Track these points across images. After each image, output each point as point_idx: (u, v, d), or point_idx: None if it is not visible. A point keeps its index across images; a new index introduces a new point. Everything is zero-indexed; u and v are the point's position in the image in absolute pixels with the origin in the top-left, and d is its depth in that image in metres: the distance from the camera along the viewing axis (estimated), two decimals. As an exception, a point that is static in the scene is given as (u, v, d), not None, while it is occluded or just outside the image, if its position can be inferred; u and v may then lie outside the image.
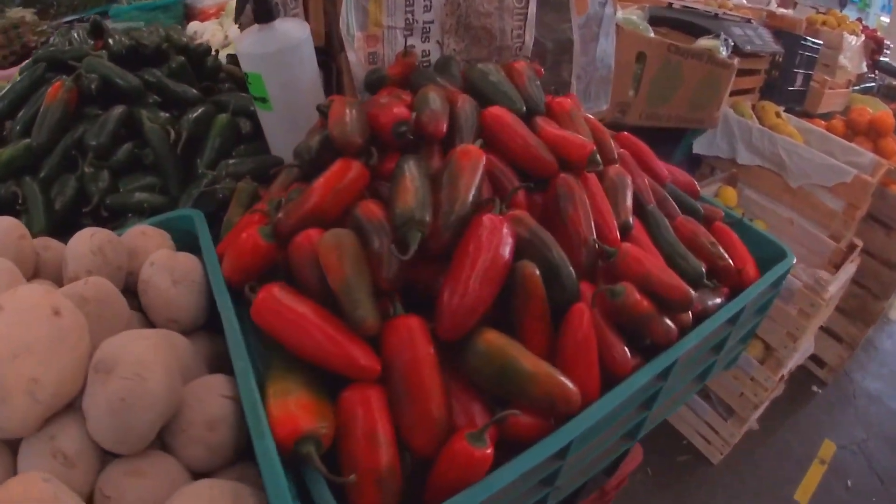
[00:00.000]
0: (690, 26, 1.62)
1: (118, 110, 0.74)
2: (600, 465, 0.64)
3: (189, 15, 2.12)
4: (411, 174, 0.49)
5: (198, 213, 0.67)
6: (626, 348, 0.52)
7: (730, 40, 1.46)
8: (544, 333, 0.49)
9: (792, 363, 1.44)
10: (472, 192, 0.50)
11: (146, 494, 0.41)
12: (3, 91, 0.80)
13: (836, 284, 1.28)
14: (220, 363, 0.55)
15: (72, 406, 0.45)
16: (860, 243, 1.43)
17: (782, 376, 1.42)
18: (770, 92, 1.91)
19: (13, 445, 0.44)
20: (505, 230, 0.48)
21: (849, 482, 1.72)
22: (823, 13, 2.58)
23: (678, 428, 1.80)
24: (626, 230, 0.64)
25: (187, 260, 0.59)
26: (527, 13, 0.91)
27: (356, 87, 0.79)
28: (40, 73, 0.80)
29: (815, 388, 2.05)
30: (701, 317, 0.62)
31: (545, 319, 0.49)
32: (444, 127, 0.57)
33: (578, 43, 1.02)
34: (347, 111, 0.57)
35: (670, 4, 1.78)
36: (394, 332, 0.44)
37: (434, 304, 0.47)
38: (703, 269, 0.68)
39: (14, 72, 1.81)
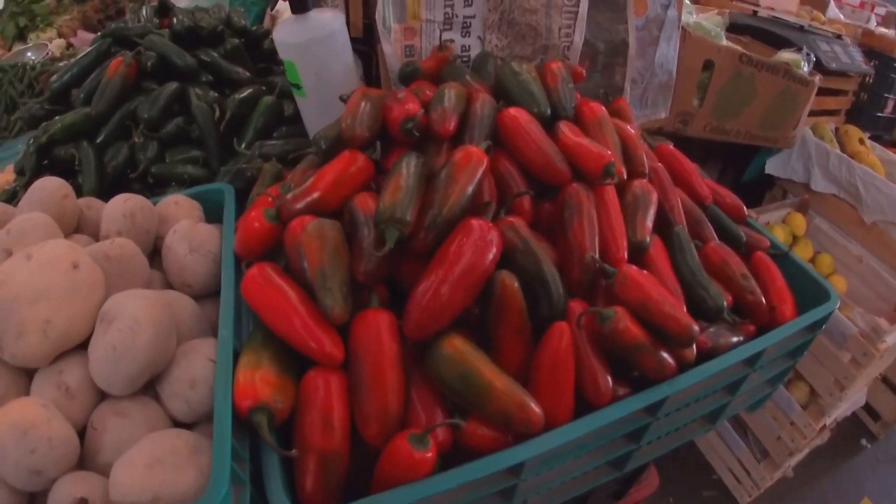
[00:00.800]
0: (773, 37, 1.47)
1: (171, 87, 0.79)
2: (583, 488, 0.60)
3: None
4: (405, 172, 0.48)
5: (228, 187, 0.70)
6: (608, 377, 0.48)
7: (812, 55, 1.29)
8: (521, 348, 0.47)
9: (838, 413, 1.28)
10: (465, 194, 0.48)
11: (125, 433, 0.45)
12: (72, 62, 0.88)
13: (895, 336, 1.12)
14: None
15: (83, 348, 0.49)
16: None
17: (824, 426, 1.27)
18: (857, 116, 1.70)
19: (31, 374, 0.49)
20: (491, 236, 0.45)
21: None
22: (936, 37, 2.23)
23: (709, 459, 1.67)
24: (640, 250, 0.59)
25: (207, 231, 0.61)
26: (577, 11, 0.86)
27: (391, 78, 0.78)
28: (106, 48, 0.86)
29: (864, 442, 1.82)
30: (711, 354, 0.56)
31: (523, 334, 0.47)
32: (452, 126, 0.55)
33: (635, 46, 0.94)
34: (362, 104, 0.57)
35: (755, 12, 1.61)
36: (362, 324, 0.43)
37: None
38: (725, 302, 0.61)
39: None
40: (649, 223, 0.61)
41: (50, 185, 0.57)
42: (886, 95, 1.72)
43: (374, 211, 0.46)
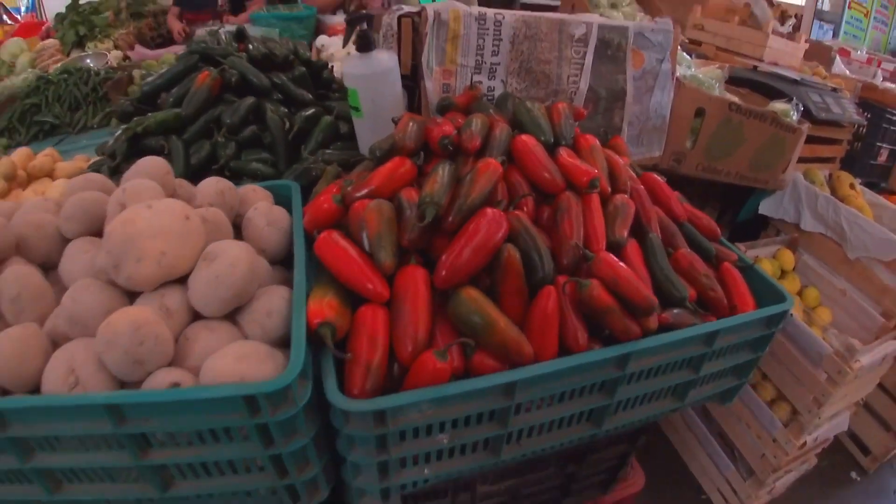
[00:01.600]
0: (769, 89, 1.67)
1: (249, 100, 1.02)
2: (566, 437, 0.76)
3: (319, 28, 2.53)
4: (441, 173, 0.68)
5: (295, 184, 0.91)
6: (585, 332, 0.66)
7: (801, 105, 1.49)
8: (519, 305, 0.65)
9: (820, 433, 1.40)
10: (484, 191, 0.67)
11: (213, 343, 0.62)
12: (162, 70, 1.11)
13: (869, 356, 1.25)
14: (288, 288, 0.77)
15: (181, 283, 0.68)
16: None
17: (805, 443, 1.38)
18: (851, 163, 1.88)
19: (133, 299, 0.67)
20: (501, 220, 0.64)
21: None
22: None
23: (700, 481, 1.77)
24: (617, 247, 0.77)
25: (280, 211, 0.82)
26: (584, 63, 1.08)
27: (430, 108, 1.00)
28: (193, 63, 1.10)
29: (854, 475, 1.90)
30: (672, 329, 0.73)
31: (521, 294, 0.65)
32: (477, 144, 0.75)
33: (632, 93, 1.15)
34: (410, 124, 0.77)
35: (755, 67, 1.83)
36: (403, 275, 0.62)
37: (441, 267, 0.64)
38: (688, 293, 0.78)
39: (160, 53, 2.27)
40: (626, 227, 0.79)
41: (156, 162, 0.78)
42: (879, 144, 1.90)
43: (418, 198, 0.66)
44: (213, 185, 0.81)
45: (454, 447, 0.66)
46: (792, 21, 2.67)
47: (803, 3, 5.33)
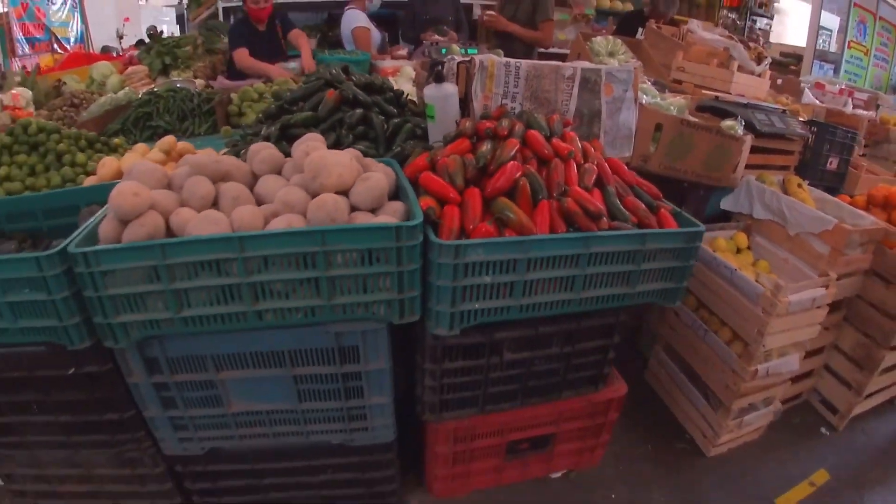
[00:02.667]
0: (724, 112, 2.36)
1: (360, 111, 1.76)
2: (556, 299, 1.39)
3: (372, 70, 3.35)
4: (487, 146, 1.39)
5: (393, 161, 1.61)
6: (564, 226, 1.32)
7: (743, 121, 2.17)
8: (528, 211, 1.33)
9: (770, 366, 1.96)
10: (509, 154, 1.38)
11: (369, 218, 1.30)
12: (299, 88, 1.87)
13: (797, 296, 1.84)
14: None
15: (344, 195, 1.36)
16: (834, 276, 1.95)
17: (756, 371, 1.95)
18: (804, 170, 2.52)
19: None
20: (518, 167, 1.34)
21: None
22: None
23: (685, 426, 2.32)
24: (585, 189, 1.44)
25: (390, 168, 1.51)
26: (572, 93, 1.79)
27: (475, 119, 1.72)
28: (320, 85, 1.86)
29: (824, 430, 2.41)
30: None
31: (529, 205, 1.33)
32: (505, 132, 1.47)
33: (605, 113, 1.86)
34: (467, 122, 1.49)
35: (717, 97, 2.54)
36: (467, 191, 1.32)
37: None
38: (630, 218, 1.44)
39: (239, 84, 3.06)
40: (591, 180, 1.47)
41: (317, 136, 1.49)
42: (828, 154, 2.53)
43: (473, 156, 1.36)
44: (349, 152, 1.52)
45: (492, 290, 1.32)
46: (768, 61, 3.39)
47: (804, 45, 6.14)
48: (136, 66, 3.72)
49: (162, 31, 4.81)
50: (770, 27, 6.88)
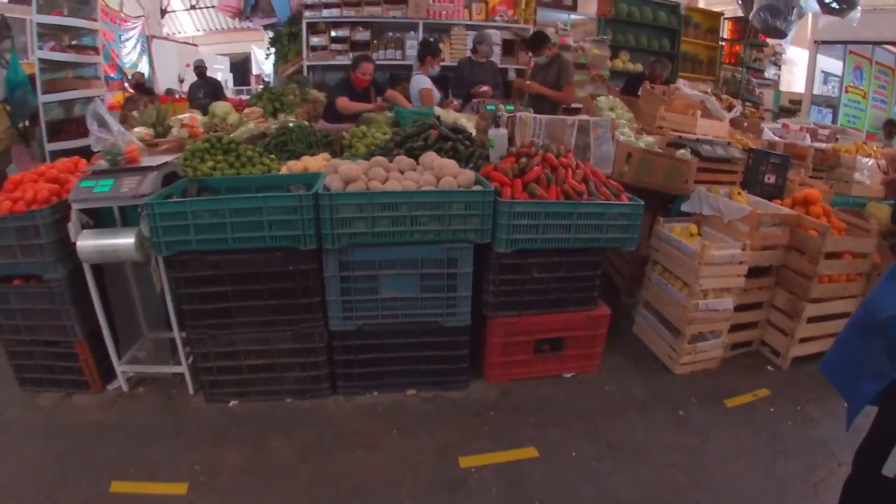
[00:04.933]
0: (680, 145, 4.11)
1: (450, 143, 3.61)
2: (561, 235, 3.10)
3: None
4: (523, 160, 3.17)
5: (472, 171, 3.41)
6: (564, 198, 3.07)
7: (690, 149, 3.90)
8: (544, 189, 3.09)
9: (710, 303, 3.58)
10: (535, 164, 3.15)
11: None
12: (411, 128, 3.73)
13: (719, 252, 3.47)
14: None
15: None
16: (748, 245, 3.58)
17: (697, 304, 3.56)
18: (747, 184, 4.22)
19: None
20: (539, 170, 3.11)
21: (771, 408, 3.54)
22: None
23: (657, 354, 3.91)
24: (576, 183, 3.18)
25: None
26: (573, 134, 3.60)
27: (517, 147, 3.51)
28: (426, 128, 3.74)
29: (769, 368, 3.94)
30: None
31: (545, 187, 3.10)
32: (533, 153, 3.24)
33: (593, 145, 3.67)
34: (513, 149, 3.29)
35: (680, 136, 4.30)
36: (514, 181, 3.10)
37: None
38: (600, 196, 3.18)
39: (338, 126, 4.97)
40: (580, 178, 3.22)
41: (433, 153, 3.31)
42: (765, 172, 4.23)
43: (517, 162, 3.14)
44: (433, 154, 3.31)
45: (526, 229, 3.03)
46: (738, 108, 5.18)
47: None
48: (251, 108, 5.71)
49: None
50: (779, 76, 8.75)
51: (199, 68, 9.46)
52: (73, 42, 7.58)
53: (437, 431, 3.15)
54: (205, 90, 9.00)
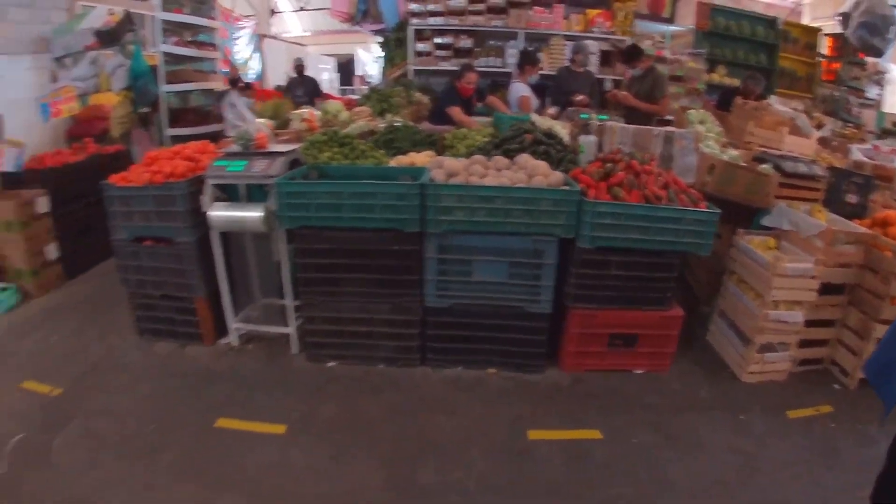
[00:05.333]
0: (765, 160, 4.33)
1: (543, 147, 4.07)
2: (639, 236, 3.45)
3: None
4: (608, 165, 3.55)
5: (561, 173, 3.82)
6: (644, 201, 3.42)
7: (773, 165, 4.13)
8: (627, 193, 3.45)
9: (781, 315, 3.80)
10: (619, 169, 3.52)
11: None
12: (508, 132, 4.18)
13: (791, 266, 3.70)
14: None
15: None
16: (822, 258, 3.78)
17: (767, 314, 3.80)
18: (830, 203, 4.38)
19: None
20: (623, 175, 3.48)
21: (832, 424, 3.67)
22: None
23: (727, 362, 4.15)
24: (657, 189, 3.52)
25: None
26: (658, 144, 3.94)
27: (604, 153, 3.88)
28: (520, 133, 4.18)
29: (836, 386, 4.09)
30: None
31: (628, 191, 3.47)
32: (619, 159, 3.61)
33: (678, 156, 3.98)
34: (601, 154, 3.67)
35: (765, 151, 4.52)
36: (599, 182, 3.48)
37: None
38: (678, 202, 3.50)
39: (445, 128, 5.48)
40: (662, 184, 3.55)
41: (528, 155, 3.74)
42: (846, 191, 4.38)
43: (604, 166, 3.53)
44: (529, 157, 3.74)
45: (609, 228, 3.39)
46: (827, 127, 5.30)
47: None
48: (361, 107, 6.34)
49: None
50: (881, 96, 8.56)
51: (299, 66, 10.21)
52: (193, 38, 8.56)
53: (512, 406, 3.53)
54: (304, 88, 9.69)
